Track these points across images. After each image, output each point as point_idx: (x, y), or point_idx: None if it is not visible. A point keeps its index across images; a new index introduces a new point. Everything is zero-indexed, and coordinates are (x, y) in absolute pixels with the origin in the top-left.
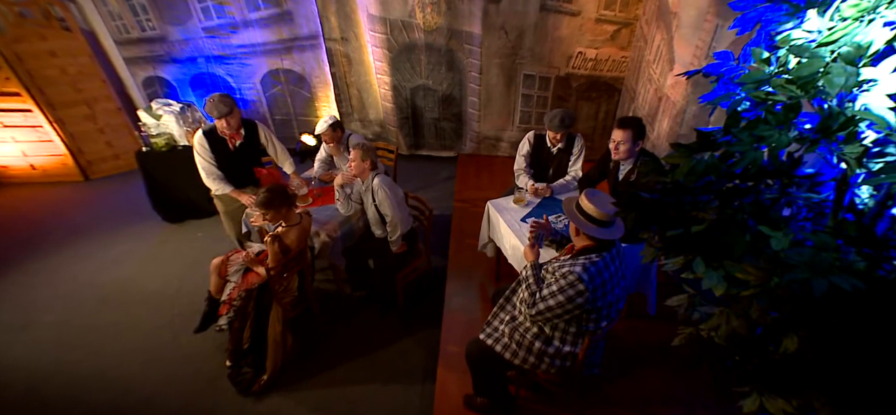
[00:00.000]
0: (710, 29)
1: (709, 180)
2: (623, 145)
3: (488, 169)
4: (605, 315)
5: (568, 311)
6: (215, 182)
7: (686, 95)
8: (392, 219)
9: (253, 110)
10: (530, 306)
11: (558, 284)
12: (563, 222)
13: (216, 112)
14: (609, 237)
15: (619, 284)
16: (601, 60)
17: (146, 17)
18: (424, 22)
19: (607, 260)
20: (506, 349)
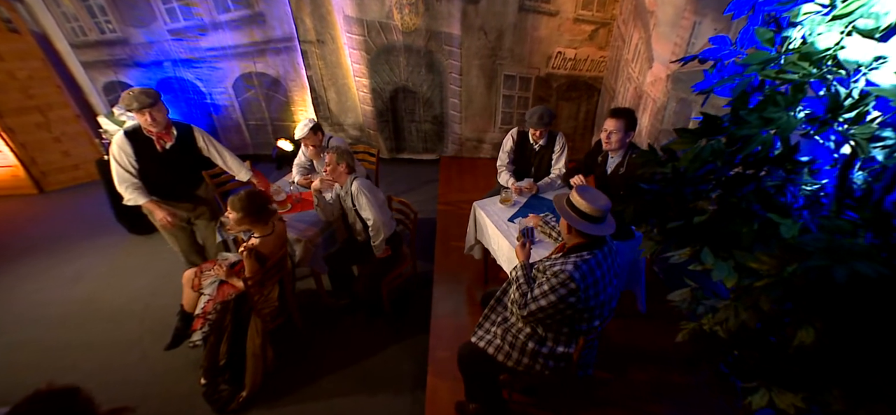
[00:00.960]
0: (687, 26)
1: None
2: (615, 135)
3: (471, 171)
4: (598, 314)
5: (560, 311)
6: (129, 191)
7: (666, 92)
8: (374, 222)
9: (225, 116)
10: (522, 307)
11: (549, 283)
12: (553, 220)
13: (136, 104)
14: (601, 233)
15: (611, 282)
16: (580, 60)
17: (105, 18)
18: (402, 23)
19: (599, 258)
20: (499, 351)
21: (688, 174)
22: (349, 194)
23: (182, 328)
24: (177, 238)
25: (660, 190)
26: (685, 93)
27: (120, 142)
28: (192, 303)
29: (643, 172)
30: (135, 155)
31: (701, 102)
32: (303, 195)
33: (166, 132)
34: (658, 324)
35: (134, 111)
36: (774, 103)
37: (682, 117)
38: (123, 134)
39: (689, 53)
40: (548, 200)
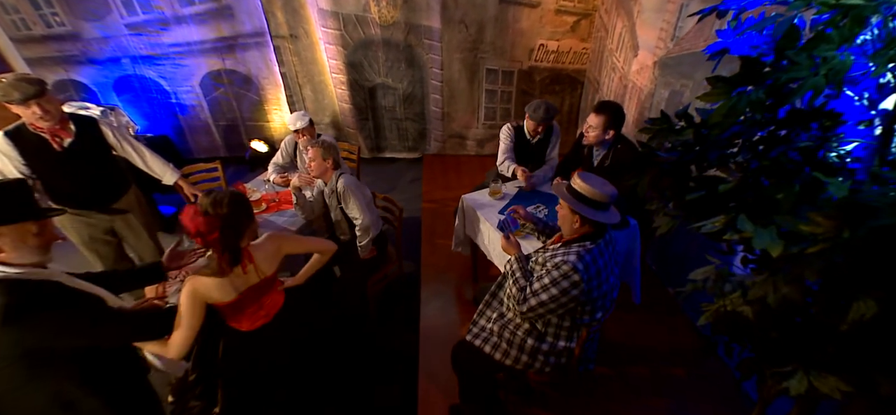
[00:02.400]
0: (673, 10)
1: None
2: (593, 131)
3: (456, 169)
4: (600, 306)
5: (562, 304)
6: None
7: (653, 80)
8: (362, 222)
9: (193, 116)
10: (520, 303)
11: (551, 275)
12: (542, 212)
13: (17, 94)
14: (608, 220)
15: (613, 272)
16: (563, 52)
17: (51, 11)
18: (380, 16)
19: (601, 247)
20: (496, 349)
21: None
22: (334, 192)
23: None
24: (98, 255)
25: (679, 158)
26: (675, 78)
27: (0, 145)
28: None
29: (656, 142)
30: (23, 159)
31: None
32: (279, 195)
33: (62, 128)
34: (653, 316)
35: (17, 103)
36: (826, 40)
37: (673, 105)
38: (3, 135)
39: (677, 37)
40: (539, 193)
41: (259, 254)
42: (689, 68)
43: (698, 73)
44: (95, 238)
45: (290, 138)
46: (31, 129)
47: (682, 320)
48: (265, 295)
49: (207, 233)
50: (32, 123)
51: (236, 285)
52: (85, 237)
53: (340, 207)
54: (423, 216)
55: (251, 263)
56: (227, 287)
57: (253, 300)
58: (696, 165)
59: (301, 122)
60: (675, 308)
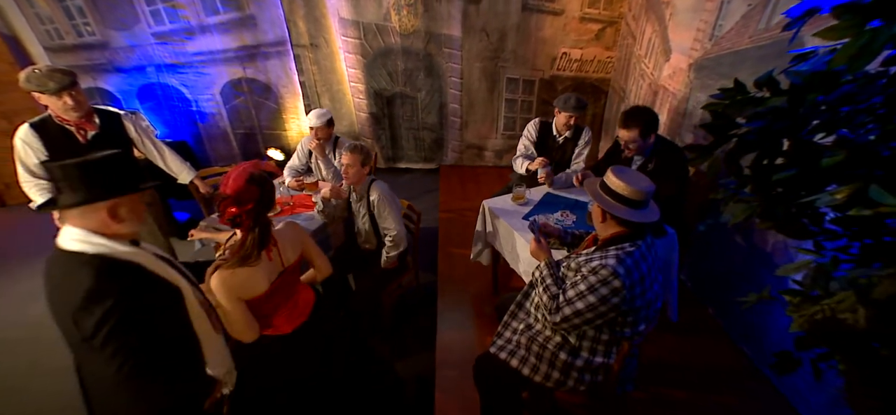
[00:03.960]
0: (713, 8)
1: (844, 92)
2: (632, 144)
3: (473, 179)
4: (643, 317)
5: (601, 314)
6: (40, 192)
7: (688, 83)
8: (397, 234)
9: (212, 124)
10: (553, 312)
11: (587, 282)
12: (570, 220)
13: (52, 84)
14: (646, 220)
15: (656, 278)
16: (586, 61)
17: (84, 21)
18: (400, 25)
19: (643, 250)
20: (524, 363)
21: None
22: (364, 199)
23: None
24: None
25: (766, 126)
26: (713, 80)
27: (24, 135)
28: None
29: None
30: (47, 150)
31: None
32: (294, 199)
33: (88, 120)
34: (691, 336)
35: (50, 93)
36: None
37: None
38: (29, 126)
39: (715, 37)
40: (565, 199)
41: (282, 239)
42: (730, 68)
43: (741, 73)
44: None
45: (307, 140)
46: (56, 121)
47: (723, 340)
48: (296, 288)
49: (245, 199)
50: (59, 115)
51: (268, 273)
52: None
53: (370, 215)
54: (440, 226)
55: (275, 247)
56: (259, 276)
57: (286, 294)
58: (790, 136)
59: (318, 120)
60: (716, 328)
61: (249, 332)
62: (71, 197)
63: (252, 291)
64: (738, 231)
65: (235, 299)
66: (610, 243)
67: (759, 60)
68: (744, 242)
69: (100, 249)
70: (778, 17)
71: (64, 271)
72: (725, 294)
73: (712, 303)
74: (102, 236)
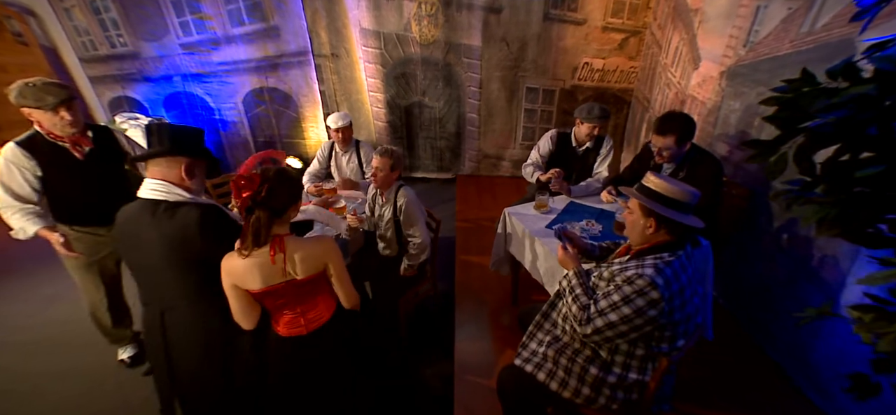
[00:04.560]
0: (747, 14)
1: None
2: (666, 151)
3: (490, 190)
4: (682, 332)
5: (636, 327)
6: (19, 217)
7: (719, 92)
8: (423, 242)
9: (233, 132)
10: (583, 323)
11: (622, 292)
12: (596, 229)
13: (50, 99)
14: (695, 224)
15: (696, 291)
16: (609, 71)
17: (117, 32)
18: (420, 35)
19: (683, 260)
20: (551, 377)
21: None
22: (391, 203)
23: None
24: (102, 274)
25: (848, 117)
26: (749, 87)
27: (11, 155)
28: None
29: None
30: (41, 168)
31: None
32: (311, 204)
33: (82, 135)
34: (727, 355)
35: (46, 109)
36: None
37: (743, 119)
38: (16, 145)
39: (751, 43)
40: (590, 208)
41: (297, 250)
42: (768, 75)
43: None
44: (103, 255)
45: (326, 144)
46: (47, 138)
47: (760, 358)
48: (309, 300)
49: (243, 184)
50: (51, 132)
51: (264, 275)
52: (92, 255)
53: (396, 221)
54: (458, 236)
55: (281, 254)
56: (254, 272)
57: (295, 299)
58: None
59: (343, 120)
60: (751, 345)
61: (243, 320)
62: (162, 147)
63: (243, 283)
64: (778, 243)
65: (230, 284)
66: (646, 252)
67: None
68: (786, 254)
69: (177, 198)
70: (824, 19)
71: (163, 214)
72: (763, 310)
73: (747, 319)
74: (180, 188)
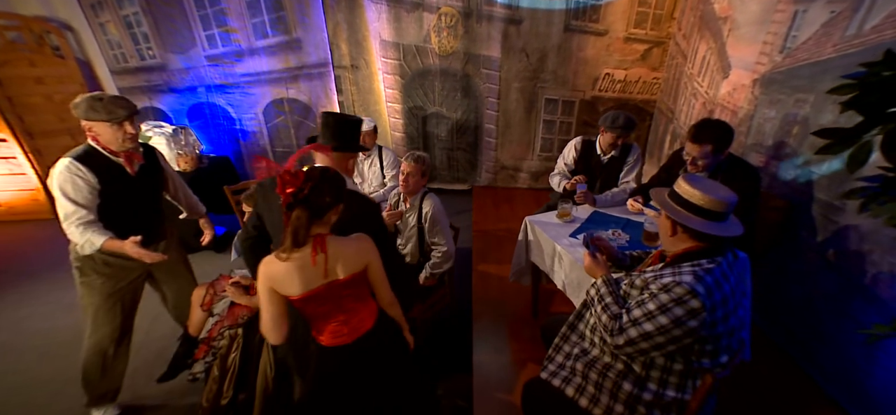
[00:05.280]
0: (784, 19)
1: None
2: (701, 161)
3: (508, 201)
4: (725, 347)
5: (674, 339)
6: (85, 231)
7: (752, 100)
8: (448, 250)
9: (253, 142)
10: (614, 333)
11: (657, 300)
12: (623, 239)
13: (122, 112)
14: (728, 234)
15: (740, 302)
16: (631, 82)
17: (147, 45)
18: (440, 46)
19: (725, 268)
20: (581, 392)
21: None
22: (416, 210)
23: (182, 355)
24: (123, 306)
25: None
26: (786, 94)
27: (72, 167)
28: (199, 326)
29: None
30: (99, 182)
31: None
32: None
33: (136, 151)
34: (766, 377)
35: (116, 122)
36: None
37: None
38: (74, 159)
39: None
40: (614, 217)
41: (338, 250)
42: (807, 81)
43: (822, 85)
44: (130, 280)
45: None
46: (104, 152)
47: (803, 380)
48: (351, 305)
49: (289, 181)
50: (108, 146)
51: (305, 278)
52: (119, 282)
53: (419, 228)
54: (475, 246)
55: (322, 254)
56: (294, 276)
57: (337, 306)
58: None
59: (368, 125)
60: (792, 366)
61: (274, 331)
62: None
63: (283, 288)
64: (824, 258)
65: (268, 288)
66: (682, 259)
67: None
68: (833, 270)
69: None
70: (874, 20)
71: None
72: (806, 331)
73: (787, 340)
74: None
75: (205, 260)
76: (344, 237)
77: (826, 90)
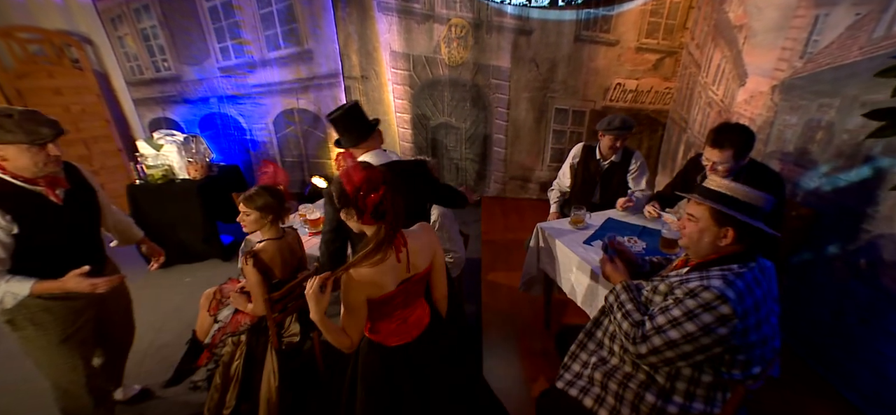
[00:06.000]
0: (804, 25)
1: None
2: (722, 167)
3: (517, 211)
4: (757, 357)
5: (703, 347)
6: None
7: (772, 107)
8: (459, 256)
9: (262, 152)
10: (637, 341)
11: (684, 306)
12: (640, 246)
13: (47, 132)
14: (772, 231)
15: (773, 310)
16: (642, 92)
17: (163, 57)
18: (449, 57)
19: (756, 273)
20: (600, 403)
21: None
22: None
23: (188, 359)
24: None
25: None
26: (808, 100)
27: None
28: (206, 330)
29: None
30: (15, 221)
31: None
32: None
33: (58, 174)
34: (795, 395)
35: (40, 143)
36: None
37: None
38: None
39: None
40: (630, 224)
41: (413, 243)
42: (832, 85)
43: (849, 88)
44: (80, 325)
45: None
46: (15, 182)
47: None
48: (407, 307)
49: (368, 187)
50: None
51: (395, 275)
52: (68, 327)
53: None
54: (483, 257)
55: (404, 249)
56: (386, 274)
57: (405, 303)
58: None
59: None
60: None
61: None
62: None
63: (377, 290)
64: (854, 269)
65: (363, 299)
66: (711, 264)
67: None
68: (865, 281)
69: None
70: None
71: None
72: (835, 345)
73: (812, 354)
74: None
75: (210, 269)
76: (411, 230)
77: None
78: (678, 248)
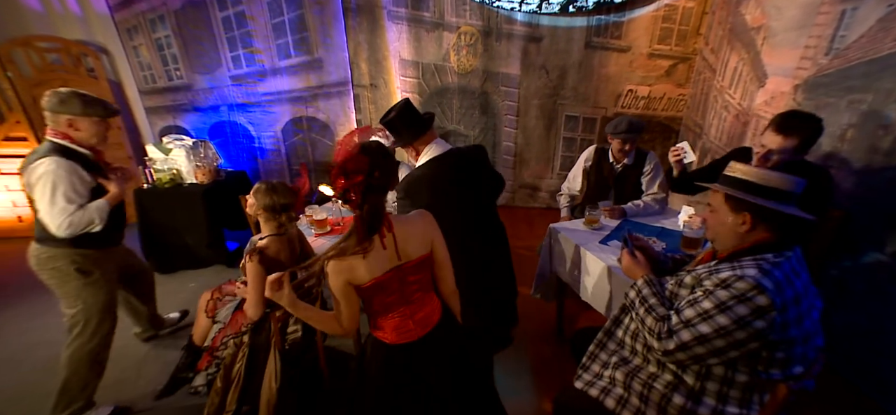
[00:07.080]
0: (828, 21)
1: None
2: (777, 155)
3: (526, 220)
4: (799, 355)
5: (737, 343)
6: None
7: (795, 106)
8: None
9: (270, 160)
10: (663, 337)
11: (714, 298)
12: (659, 247)
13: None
14: (808, 217)
15: (814, 304)
16: (655, 99)
17: (175, 66)
18: (459, 65)
19: (794, 263)
20: (623, 405)
21: None
22: None
23: (184, 366)
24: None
25: None
26: (837, 97)
27: (61, 162)
28: (204, 334)
29: None
30: (89, 173)
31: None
32: (344, 219)
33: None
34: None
35: (104, 117)
36: None
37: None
38: (61, 154)
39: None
40: (646, 225)
41: (404, 229)
42: (863, 80)
43: (882, 82)
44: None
45: None
46: (80, 150)
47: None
48: (412, 302)
49: (352, 170)
50: (85, 143)
51: (378, 263)
52: (111, 278)
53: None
54: None
55: (390, 234)
56: (370, 261)
57: (402, 296)
58: None
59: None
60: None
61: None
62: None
63: (363, 276)
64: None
65: (343, 282)
66: (742, 254)
67: None
68: None
69: None
70: None
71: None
72: (875, 356)
73: (848, 365)
74: None
75: (215, 275)
76: (406, 216)
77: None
78: (700, 248)
